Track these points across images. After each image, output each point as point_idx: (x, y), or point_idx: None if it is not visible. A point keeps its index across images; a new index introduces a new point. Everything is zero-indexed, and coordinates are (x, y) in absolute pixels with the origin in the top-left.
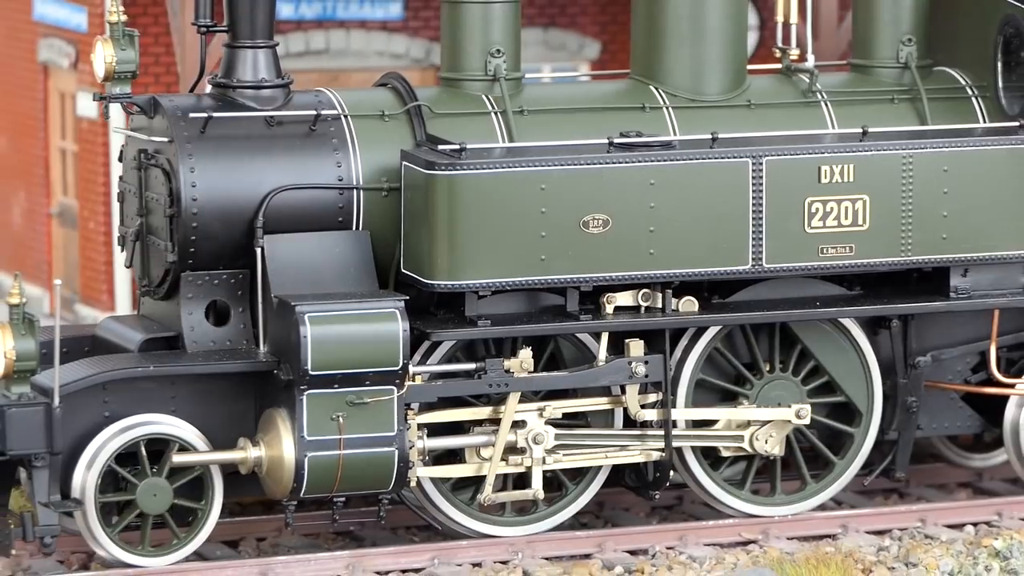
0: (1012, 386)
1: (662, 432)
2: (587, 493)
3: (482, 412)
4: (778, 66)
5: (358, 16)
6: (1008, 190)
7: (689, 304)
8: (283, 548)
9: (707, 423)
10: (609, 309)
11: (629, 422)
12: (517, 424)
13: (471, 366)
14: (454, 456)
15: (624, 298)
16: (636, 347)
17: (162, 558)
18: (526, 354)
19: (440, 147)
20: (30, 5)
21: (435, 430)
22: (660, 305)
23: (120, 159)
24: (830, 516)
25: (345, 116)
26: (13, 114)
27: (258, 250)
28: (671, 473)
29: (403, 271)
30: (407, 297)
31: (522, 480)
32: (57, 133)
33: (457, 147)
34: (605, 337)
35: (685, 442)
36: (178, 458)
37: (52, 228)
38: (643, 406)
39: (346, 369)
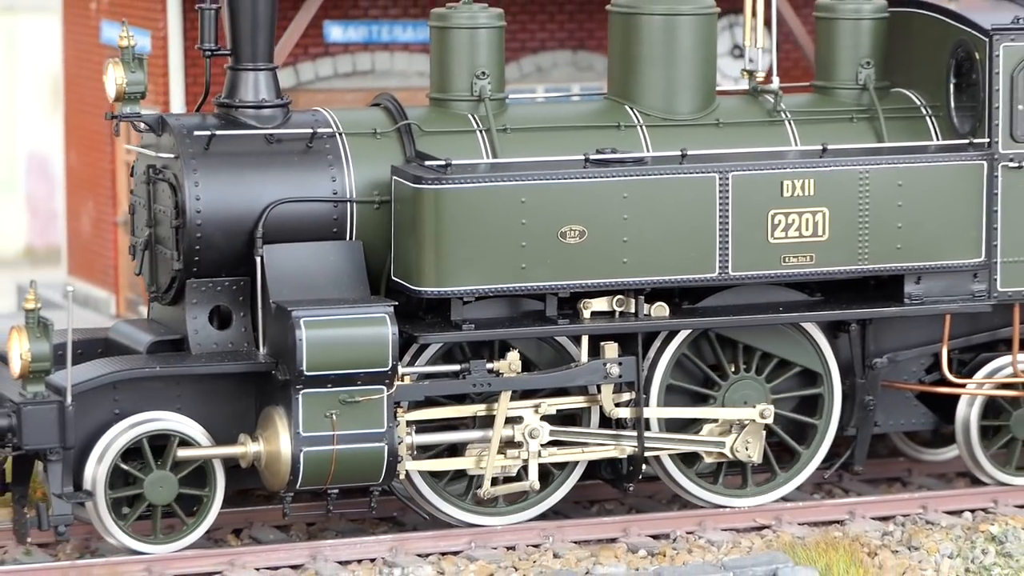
0: (963, 386)
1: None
2: (565, 486)
3: (468, 410)
4: (745, 87)
5: (401, 39)
6: (958, 203)
7: (660, 309)
8: (330, 532)
9: (693, 430)
10: (586, 314)
11: (604, 420)
12: (512, 420)
13: (456, 367)
14: (453, 451)
15: (599, 304)
16: (610, 349)
17: (169, 545)
18: (514, 356)
19: (427, 163)
20: (98, 29)
21: (429, 427)
22: (633, 310)
23: (131, 174)
24: (838, 503)
25: (340, 134)
26: (83, 130)
27: (258, 259)
28: (643, 467)
29: (393, 278)
30: (396, 303)
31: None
32: (122, 147)
33: (443, 163)
34: (585, 340)
35: (671, 448)
36: (183, 453)
37: (118, 236)
38: (617, 404)
39: (339, 370)
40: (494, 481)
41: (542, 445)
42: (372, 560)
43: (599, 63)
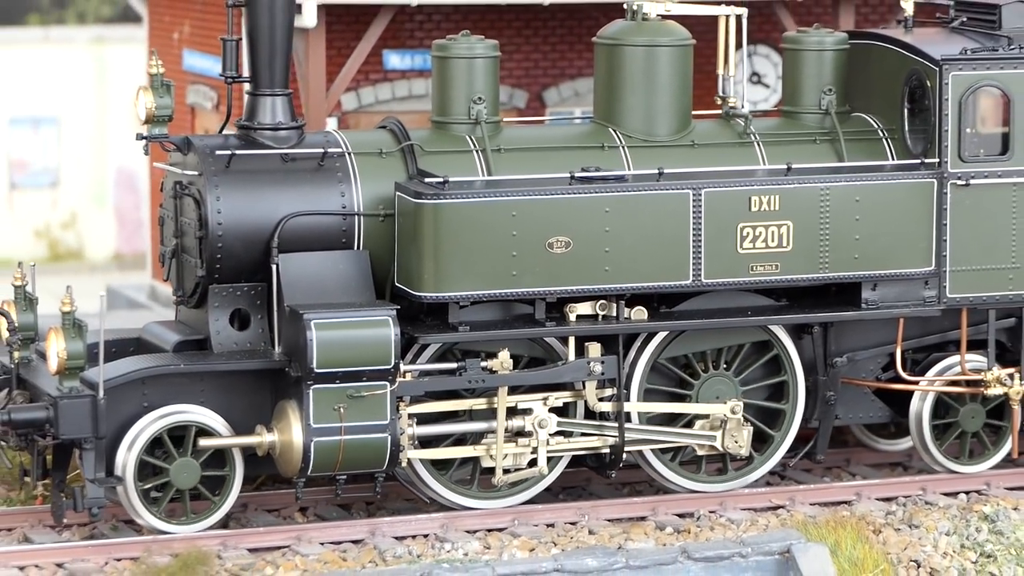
0: (916, 383)
1: (629, 423)
2: (554, 473)
3: (464, 404)
4: (718, 112)
5: None
6: (911, 217)
7: (640, 313)
8: (387, 510)
9: (680, 424)
10: (572, 317)
11: (589, 413)
12: (524, 412)
13: (453, 365)
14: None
15: (584, 308)
16: (594, 349)
17: (192, 525)
18: (504, 355)
19: (427, 180)
20: (180, 57)
21: (432, 418)
22: (615, 314)
23: (161, 189)
24: (846, 486)
25: (349, 153)
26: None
27: (274, 266)
28: (624, 456)
29: (396, 284)
30: (399, 307)
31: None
32: None
33: (441, 180)
34: (572, 341)
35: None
36: (204, 442)
37: None
38: (600, 399)
39: (346, 367)
40: (505, 469)
41: (550, 435)
42: (425, 536)
43: None
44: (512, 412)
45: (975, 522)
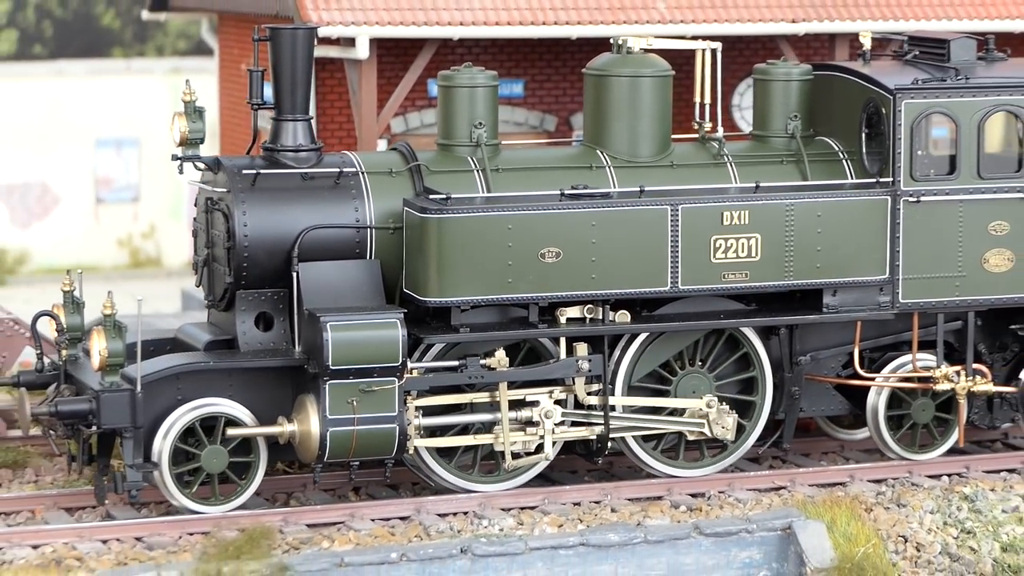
0: (872, 379)
1: (619, 413)
2: (533, 460)
3: (464, 397)
4: (696, 136)
5: None
6: (867, 230)
7: (623, 316)
8: (430, 491)
9: (666, 413)
10: (562, 320)
11: (578, 406)
12: (517, 404)
13: (455, 363)
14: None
15: (573, 311)
16: (581, 349)
17: (220, 506)
18: (501, 354)
19: (432, 196)
20: (246, 87)
21: (437, 411)
22: (601, 317)
23: (195, 204)
24: (840, 469)
25: (362, 172)
26: None
27: (294, 274)
28: (609, 444)
29: (405, 290)
30: (406, 310)
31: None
32: None
33: (445, 196)
34: (563, 341)
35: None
36: (232, 432)
37: None
38: (589, 393)
39: (358, 364)
40: (514, 455)
41: (556, 424)
42: (465, 513)
43: None
44: (519, 404)
45: (956, 502)
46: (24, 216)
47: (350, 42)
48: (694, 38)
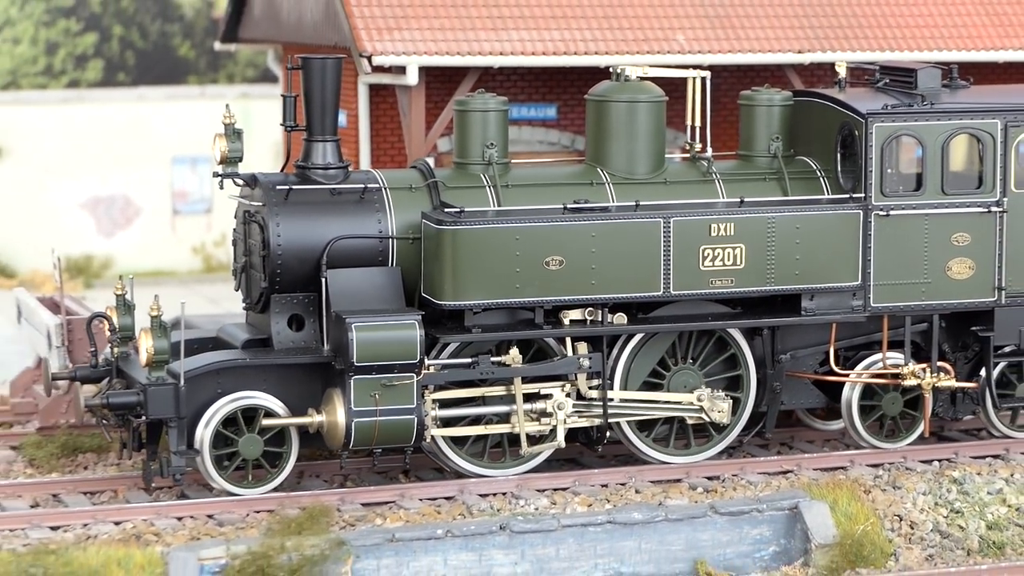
0: (846, 375)
1: (617, 404)
2: (546, 447)
3: (477, 391)
4: (687, 155)
5: (526, 116)
6: (841, 241)
7: (620, 318)
8: (471, 475)
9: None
10: (565, 322)
11: (580, 398)
12: (545, 396)
13: (468, 360)
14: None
15: (575, 314)
16: (582, 347)
17: (257, 488)
18: (515, 352)
19: (448, 210)
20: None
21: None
22: (600, 319)
23: (235, 216)
24: (842, 454)
25: (384, 188)
26: None
27: (323, 280)
28: (607, 434)
29: (423, 294)
30: (424, 312)
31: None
32: None
33: (459, 210)
34: (569, 341)
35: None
36: (267, 422)
37: None
38: (590, 388)
39: (380, 361)
40: (530, 441)
41: (567, 415)
42: (503, 494)
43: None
44: (534, 396)
45: (946, 484)
46: (109, 226)
47: (401, 70)
48: (690, 67)
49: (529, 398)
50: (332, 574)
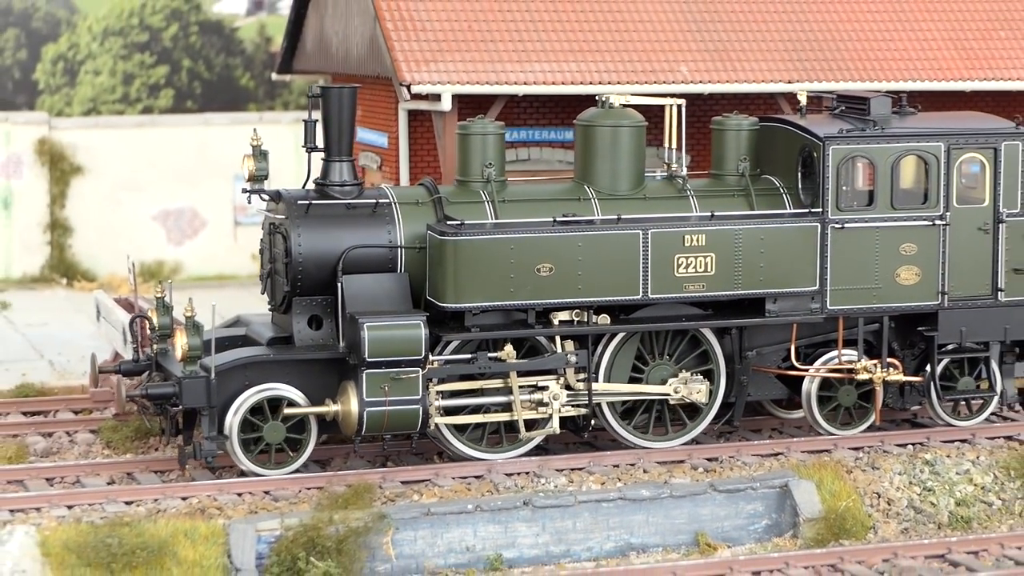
0: (806, 370)
1: (602, 393)
2: (542, 433)
3: (476, 384)
4: (665, 173)
5: (547, 139)
6: (801, 250)
7: (604, 319)
8: (500, 458)
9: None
10: (555, 322)
11: (569, 390)
12: (543, 388)
13: (468, 356)
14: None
15: (564, 315)
16: (570, 345)
17: (280, 469)
18: (509, 348)
19: (450, 222)
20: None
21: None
22: (586, 319)
23: (261, 228)
24: (827, 439)
25: (394, 203)
26: None
27: (339, 284)
28: (592, 422)
29: (428, 298)
30: (429, 314)
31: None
32: None
33: (460, 223)
34: (558, 339)
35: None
36: (288, 411)
37: None
38: (578, 380)
39: (389, 357)
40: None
41: (562, 404)
42: (527, 473)
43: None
44: (531, 388)
45: (919, 465)
46: (178, 236)
47: (436, 98)
48: (663, 95)
49: (526, 389)
50: (375, 544)
